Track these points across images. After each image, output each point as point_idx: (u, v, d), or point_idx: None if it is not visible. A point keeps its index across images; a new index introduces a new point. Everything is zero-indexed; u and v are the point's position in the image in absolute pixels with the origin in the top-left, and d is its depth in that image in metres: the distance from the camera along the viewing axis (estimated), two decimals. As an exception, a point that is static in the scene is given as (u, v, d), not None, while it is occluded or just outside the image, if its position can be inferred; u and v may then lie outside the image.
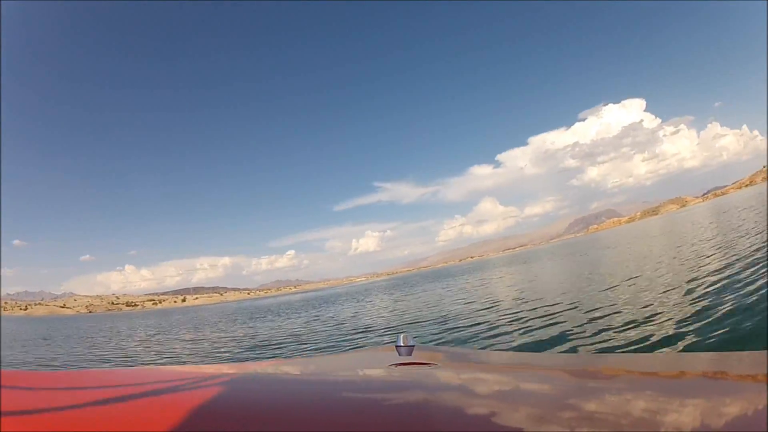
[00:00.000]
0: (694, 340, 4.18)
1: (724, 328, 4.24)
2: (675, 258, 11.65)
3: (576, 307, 7.12)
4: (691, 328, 4.56)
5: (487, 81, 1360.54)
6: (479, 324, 7.53)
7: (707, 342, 4.00)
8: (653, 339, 4.42)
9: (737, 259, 8.15)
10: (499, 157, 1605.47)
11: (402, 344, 1.46)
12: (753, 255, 8.17)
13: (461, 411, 0.63)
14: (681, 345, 4.12)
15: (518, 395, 0.78)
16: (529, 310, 7.91)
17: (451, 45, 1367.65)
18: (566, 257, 27.02)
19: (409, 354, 1.38)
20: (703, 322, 4.62)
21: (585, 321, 5.96)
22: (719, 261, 8.70)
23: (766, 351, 0.79)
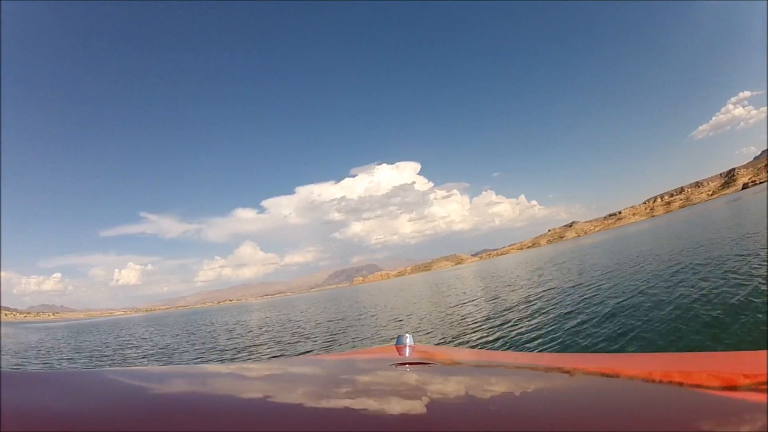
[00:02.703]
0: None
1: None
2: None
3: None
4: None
5: (259, 128, 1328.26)
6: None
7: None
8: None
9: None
10: (265, 202, 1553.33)
11: (402, 344, 1.43)
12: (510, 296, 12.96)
13: (461, 411, 0.63)
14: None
15: (519, 395, 0.79)
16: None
17: (226, 87, 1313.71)
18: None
19: (409, 354, 1.36)
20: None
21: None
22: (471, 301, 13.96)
23: (766, 351, 0.80)
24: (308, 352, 9.79)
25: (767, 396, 0.59)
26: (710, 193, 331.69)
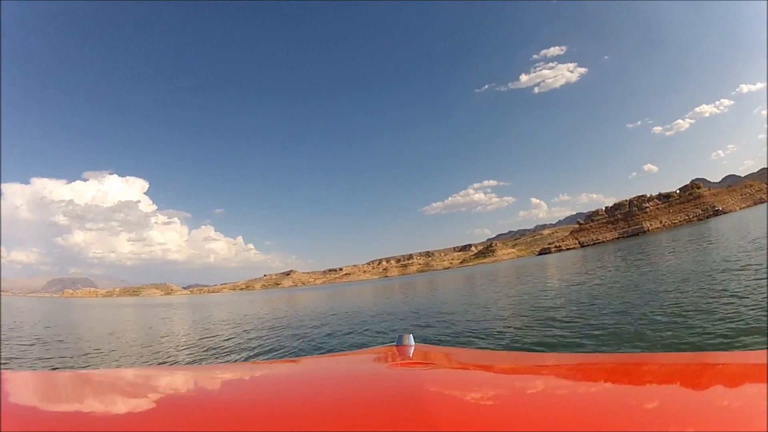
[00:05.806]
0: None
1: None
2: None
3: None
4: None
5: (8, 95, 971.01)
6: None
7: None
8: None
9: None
10: (4, 186, 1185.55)
11: (402, 344, 1.45)
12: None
13: (461, 411, 0.63)
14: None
15: (518, 395, 0.79)
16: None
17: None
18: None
19: (409, 354, 1.37)
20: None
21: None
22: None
23: (766, 351, 0.81)
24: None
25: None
26: (459, 261, 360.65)
